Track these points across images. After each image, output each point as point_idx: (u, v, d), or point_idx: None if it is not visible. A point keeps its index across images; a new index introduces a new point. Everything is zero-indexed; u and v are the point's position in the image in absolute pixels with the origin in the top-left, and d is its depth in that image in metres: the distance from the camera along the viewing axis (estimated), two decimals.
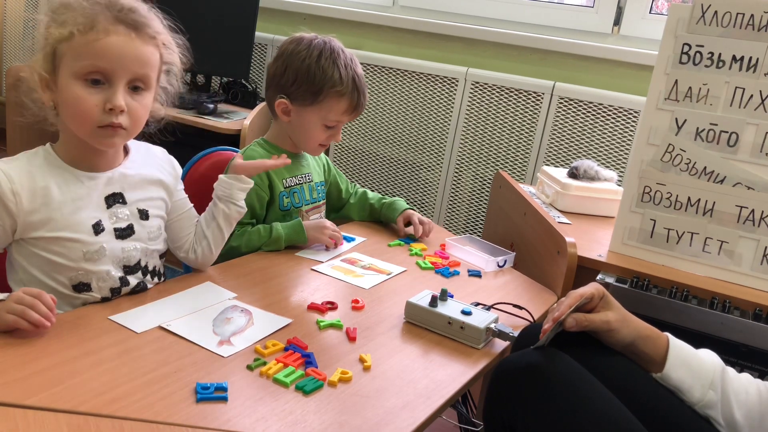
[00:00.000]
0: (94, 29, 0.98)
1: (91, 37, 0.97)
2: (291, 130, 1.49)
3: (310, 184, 1.55)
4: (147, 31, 1.03)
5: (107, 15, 0.99)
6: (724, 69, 1.40)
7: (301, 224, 1.43)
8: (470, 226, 2.62)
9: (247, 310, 1.12)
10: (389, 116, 2.70)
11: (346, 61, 1.43)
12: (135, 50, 1.01)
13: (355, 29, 2.83)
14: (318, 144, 1.49)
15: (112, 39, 0.99)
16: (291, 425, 0.83)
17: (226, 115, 2.62)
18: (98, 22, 0.98)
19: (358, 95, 1.44)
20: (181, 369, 0.92)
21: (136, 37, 1.01)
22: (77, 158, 1.07)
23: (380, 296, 1.26)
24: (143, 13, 1.03)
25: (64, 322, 0.99)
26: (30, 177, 1.03)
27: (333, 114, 1.44)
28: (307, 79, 1.41)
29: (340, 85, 1.41)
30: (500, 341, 1.12)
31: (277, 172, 1.46)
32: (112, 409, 0.81)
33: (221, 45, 2.72)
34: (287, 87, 1.44)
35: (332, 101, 1.42)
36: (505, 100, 2.47)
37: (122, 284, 1.10)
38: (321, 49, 1.42)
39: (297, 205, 1.50)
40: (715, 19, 1.40)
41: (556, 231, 1.47)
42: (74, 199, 1.05)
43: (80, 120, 1.01)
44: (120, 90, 1.01)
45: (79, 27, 0.97)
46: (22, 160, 1.05)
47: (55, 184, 1.04)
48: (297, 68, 1.42)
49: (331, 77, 1.40)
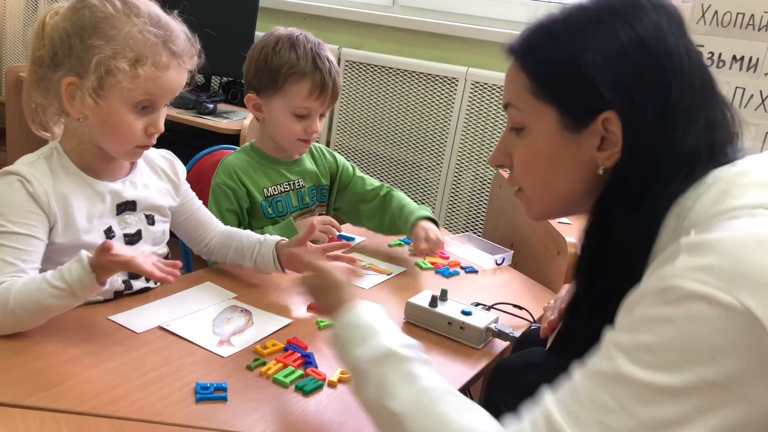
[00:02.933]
0: (158, 66, 0.99)
1: (154, 74, 0.99)
2: (267, 128, 1.45)
3: (300, 190, 1.50)
4: (190, 61, 1.06)
5: (167, 50, 1.01)
6: (724, 69, 1.40)
7: (292, 223, 1.42)
8: (470, 226, 2.62)
9: (246, 310, 1.12)
10: (389, 116, 2.70)
11: (305, 44, 1.39)
12: (181, 81, 1.06)
13: (355, 29, 2.82)
14: (296, 138, 1.42)
15: (171, 75, 1.02)
16: (291, 425, 0.83)
17: (226, 115, 2.62)
18: (161, 59, 1.00)
19: (321, 75, 1.37)
20: (181, 369, 0.92)
21: (181, 68, 1.05)
22: (90, 165, 1.07)
23: (380, 296, 1.26)
24: (186, 42, 1.05)
25: (64, 322, 0.99)
26: (54, 180, 1.02)
27: (298, 99, 1.38)
28: (265, 66, 1.38)
29: (297, 65, 1.36)
30: (500, 341, 1.12)
31: (255, 182, 1.43)
32: (111, 409, 0.81)
33: (221, 45, 2.71)
34: (252, 82, 1.42)
35: (294, 85, 1.37)
36: None
37: (126, 288, 1.10)
38: (278, 37, 1.40)
39: (281, 213, 1.46)
40: (715, 19, 1.40)
41: (556, 231, 1.47)
42: (90, 206, 1.06)
43: (123, 141, 1.04)
44: (162, 114, 1.05)
45: (144, 63, 0.98)
46: (41, 162, 1.04)
47: (73, 190, 1.04)
48: (256, 59, 1.40)
49: (288, 59, 1.37)
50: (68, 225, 1.03)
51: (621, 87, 0.75)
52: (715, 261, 0.61)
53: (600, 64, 0.75)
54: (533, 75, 0.81)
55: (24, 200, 0.98)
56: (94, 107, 0.99)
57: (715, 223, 0.68)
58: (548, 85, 0.80)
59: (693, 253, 0.64)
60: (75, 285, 0.92)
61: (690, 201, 0.73)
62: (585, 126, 0.78)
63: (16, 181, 0.98)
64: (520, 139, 0.84)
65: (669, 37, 0.76)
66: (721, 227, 0.66)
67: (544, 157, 0.82)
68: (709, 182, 0.73)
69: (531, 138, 0.83)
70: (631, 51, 0.75)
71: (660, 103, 0.75)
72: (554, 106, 0.79)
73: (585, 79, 0.76)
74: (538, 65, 0.81)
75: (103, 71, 0.97)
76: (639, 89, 0.75)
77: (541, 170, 0.84)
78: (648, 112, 0.75)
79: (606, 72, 0.75)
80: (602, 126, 0.77)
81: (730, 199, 0.70)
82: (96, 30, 0.98)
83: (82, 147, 1.06)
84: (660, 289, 0.63)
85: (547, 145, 0.82)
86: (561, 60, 0.78)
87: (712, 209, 0.70)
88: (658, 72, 0.75)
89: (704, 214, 0.71)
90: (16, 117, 2.82)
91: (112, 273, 0.97)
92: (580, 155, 0.80)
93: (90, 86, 0.98)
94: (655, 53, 0.75)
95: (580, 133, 0.79)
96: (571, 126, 0.79)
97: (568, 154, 0.80)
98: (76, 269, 0.92)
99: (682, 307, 0.61)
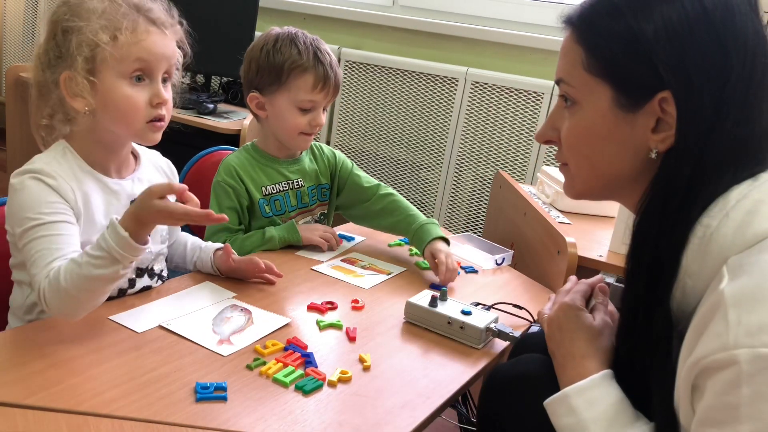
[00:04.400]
0: (137, 30, 1.01)
1: (136, 38, 1.01)
2: (271, 126, 1.47)
3: (299, 189, 1.51)
4: (174, 28, 1.08)
5: (142, 17, 1.03)
6: None
7: (293, 225, 1.43)
8: (470, 226, 2.62)
9: (246, 309, 1.12)
10: (389, 116, 2.70)
11: (304, 40, 1.42)
12: (168, 46, 1.06)
13: (355, 29, 2.82)
14: (299, 132, 1.44)
15: (154, 38, 1.03)
16: (290, 425, 0.83)
17: (226, 115, 2.62)
18: (138, 24, 1.01)
19: (323, 68, 1.41)
20: (181, 369, 0.92)
21: (164, 35, 1.05)
22: (99, 163, 1.08)
23: (380, 296, 1.26)
24: (165, 10, 1.07)
25: (63, 321, 0.99)
26: (74, 178, 1.04)
27: (302, 92, 1.41)
28: (267, 64, 1.41)
29: (300, 59, 1.39)
30: (500, 341, 1.12)
31: (255, 180, 1.44)
32: (111, 409, 0.81)
33: (221, 45, 2.72)
34: (254, 81, 1.44)
35: (297, 79, 1.40)
36: (505, 100, 2.47)
37: (129, 286, 1.11)
38: (277, 35, 1.42)
39: (278, 212, 1.47)
40: None
41: (556, 231, 1.47)
42: (107, 204, 1.07)
43: (131, 118, 1.04)
44: (161, 84, 1.05)
45: (121, 30, 1.00)
46: (60, 161, 1.04)
47: (91, 188, 1.06)
48: (257, 58, 1.42)
49: (290, 54, 1.40)
50: (88, 222, 1.04)
51: (680, 65, 0.71)
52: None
53: (661, 40, 0.72)
54: (590, 49, 0.78)
55: (51, 196, 1.00)
56: (92, 90, 1.01)
57: (750, 260, 0.65)
58: (605, 60, 0.76)
59: (743, 308, 0.62)
60: (113, 249, 0.92)
61: (714, 221, 0.70)
62: (640, 106, 0.75)
63: (40, 179, 1.00)
64: (571, 115, 0.81)
65: (737, 15, 0.72)
66: (758, 266, 0.64)
67: (594, 136, 0.80)
68: (732, 200, 0.70)
69: (582, 115, 0.80)
70: (696, 27, 0.71)
71: (718, 86, 0.71)
72: (609, 82, 0.77)
73: (644, 55, 0.73)
74: (596, 38, 0.77)
75: (87, 50, 0.99)
76: (697, 69, 0.71)
77: (589, 149, 0.81)
78: (705, 95, 0.71)
79: (666, 48, 0.72)
80: (659, 106, 0.73)
81: (758, 222, 0.67)
82: (71, 15, 1.01)
83: (90, 145, 1.07)
84: (728, 363, 0.61)
85: (598, 124, 0.79)
86: (621, 34, 0.74)
87: (740, 234, 0.68)
88: (720, 52, 0.71)
89: (731, 238, 0.68)
90: (16, 117, 2.82)
91: (153, 226, 0.96)
92: (632, 136, 0.77)
93: (81, 69, 1.00)
94: (720, 32, 0.71)
95: (635, 113, 0.76)
96: (626, 105, 0.76)
97: (619, 135, 0.78)
98: (110, 234, 0.93)
99: (764, 378, 0.59)
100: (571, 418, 0.80)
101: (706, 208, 0.71)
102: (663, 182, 0.76)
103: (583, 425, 0.78)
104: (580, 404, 0.80)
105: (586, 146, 0.82)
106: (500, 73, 2.48)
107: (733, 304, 0.63)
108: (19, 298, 1.08)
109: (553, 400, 0.83)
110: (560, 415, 0.81)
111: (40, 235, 0.97)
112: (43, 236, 0.97)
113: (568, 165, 0.86)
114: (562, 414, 0.81)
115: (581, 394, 0.81)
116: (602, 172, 0.82)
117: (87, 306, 0.96)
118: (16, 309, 1.09)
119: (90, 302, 0.96)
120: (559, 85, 0.83)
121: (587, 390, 0.81)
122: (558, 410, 0.82)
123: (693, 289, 0.72)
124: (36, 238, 0.97)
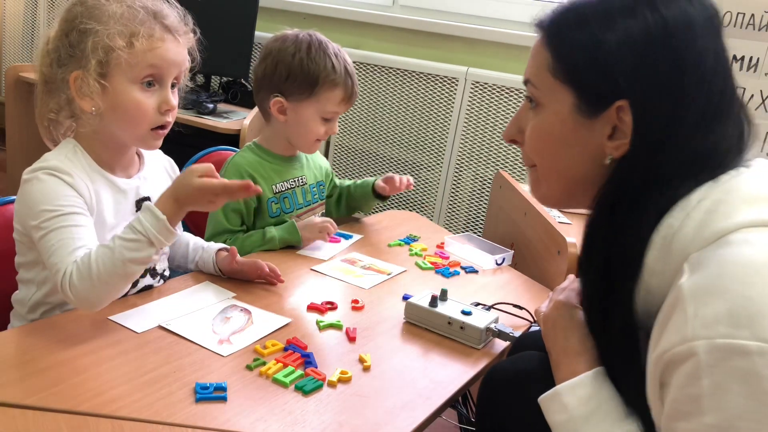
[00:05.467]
0: (153, 37, 1.02)
1: (151, 45, 1.01)
2: (287, 129, 1.47)
3: (303, 187, 1.54)
4: (185, 37, 1.08)
5: (159, 24, 1.03)
6: None
7: (294, 225, 1.43)
8: (470, 226, 2.62)
9: (246, 309, 1.12)
10: (389, 116, 2.70)
11: (335, 51, 1.43)
12: (180, 53, 1.07)
13: (355, 29, 2.82)
14: (315, 139, 1.47)
15: (168, 46, 1.04)
16: (290, 425, 0.83)
17: (226, 115, 2.62)
18: (155, 31, 1.02)
19: (351, 83, 1.44)
20: (181, 369, 0.92)
21: (178, 42, 1.06)
22: (106, 161, 1.08)
23: (380, 296, 1.26)
24: (177, 18, 1.08)
25: (64, 321, 0.99)
26: (87, 177, 1.04)
27: (330, 105, 1.43)
28: (301, 72, 1.40)
29: (333, 74, 1.41)
30: (500, 341, 1.12)
31: (266, 178, 1.45)
32: (111, 409, 0.81)
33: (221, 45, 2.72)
34: (280, 84, 1.43)
35: (328, 92, 1.42)
36: (505, 100, 2.47)
37: (132, 285, 1.11)
38: (309, 42, 1.42)
39: (287, 210, 1.48)
40: None
41: (556, 231, 1.47)
42: (116, 203, 1.08)
43: (137, 122, 1.05)
44: (170, 90, 1.06)
45: (138, 36, 1.00)
46: (71, 159, 1.05)
47: (101, 187, 1.06)
48: (289, 63, 1.41)
49: (325, 67, 1.40)
50: (99, 221, 1.05)
51: (637, 76, 0.74)
52: (725, 306, 0.61)
53: (623, 51, 0.74)
54: (556, 54, 0.80)
55: (68, 190, 1.00)
56: (102, 92, 1.01)
57: (708, 255, 0.67)
58: (569, 66, 0.79)
59: (699, 300, 0.64)
60: (149, 232, 0.93)
61: (677, 221, 0.72)
62: (599, 113, 0.77)
63: (56, 175, 1.00)
64: (534, 116, 0.84)
65: (699, 37, 0.75)
66: (715, 260, 0.66)
67: (554, 139, 0.82)
68: (693, 201, 0.72)
69: (544, 117, 0.83)
70: (655, 42, 0.74)
71: (673, 101, 0.74)
72: (572, 88, 0.79)
73: (604, 64, 0.75)
74: (563, 45, 0.80)
75: (102, 53, 1.00)
76: (654, 82, 0.74)
77: (549, 151, 0.84)
78: (659, 108, 0.74)
79: (626, 59, 0.74)
80: (616, 114, 0.76)
81: (717, 220, 0.69)
82: (88, 17, 1.01)
83: (97, 144, 1.07)
84: (688, 355, 0.63)
85: (558, 127, 0.81)
86: (585, 43, 0.77)
87: (700, 232, 0.70)
88: (678, 69, 0.74)
89: (692, 236, 0.70)
90: (16, 117, 2.82)
91: (188, 208, 0.98)
92: (589, 141, 0.79)
93: (93, 71, 1.00)
94: (679, 50, 0.74)
95: (592, 119, 0.78)
96: (585, 111, 0.79)
97: (578, 139, 0.80)
98: (146, 218, 0.94)
99: (722, 369, 0.60)
100: (563, 415, 0.81)
101: (669, 210, 0.73)
102: (613, 187, 0.79)
103: (575, 422, 0.80)
104: (571, 401, 0.81)
105: (547, 148, 0.84)
106: (500, 73, 2.48)
107: (690, 298, 0.65)
108: (24, 297, 1.08)
109: (546, 397, 0.84)
110: (553, 412, 0.83)
111: (61, 225, 0.97)
112: (64, 226, 0.97)
113: (535, 167, 0.88)
114: (554, 411, 0.83)
115: (573, 391, 0.82)
116: (563, 174, 0.85)
117: (114, 293, 0.97)
118: (19, 308, 1.09)
119: (118, 289, 0.97)
120: (527, 86, 0.86)
121: (578, 387, 0.82)
122: (551, 407, 0.83)
123: (658, 288, 0.74)
124: (56, 228, 0.97)
